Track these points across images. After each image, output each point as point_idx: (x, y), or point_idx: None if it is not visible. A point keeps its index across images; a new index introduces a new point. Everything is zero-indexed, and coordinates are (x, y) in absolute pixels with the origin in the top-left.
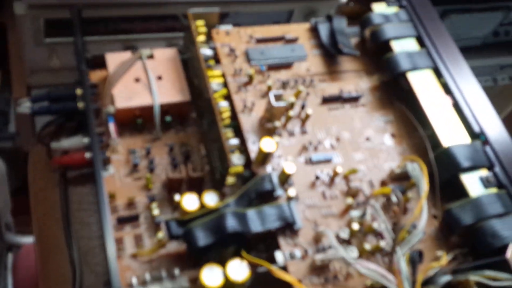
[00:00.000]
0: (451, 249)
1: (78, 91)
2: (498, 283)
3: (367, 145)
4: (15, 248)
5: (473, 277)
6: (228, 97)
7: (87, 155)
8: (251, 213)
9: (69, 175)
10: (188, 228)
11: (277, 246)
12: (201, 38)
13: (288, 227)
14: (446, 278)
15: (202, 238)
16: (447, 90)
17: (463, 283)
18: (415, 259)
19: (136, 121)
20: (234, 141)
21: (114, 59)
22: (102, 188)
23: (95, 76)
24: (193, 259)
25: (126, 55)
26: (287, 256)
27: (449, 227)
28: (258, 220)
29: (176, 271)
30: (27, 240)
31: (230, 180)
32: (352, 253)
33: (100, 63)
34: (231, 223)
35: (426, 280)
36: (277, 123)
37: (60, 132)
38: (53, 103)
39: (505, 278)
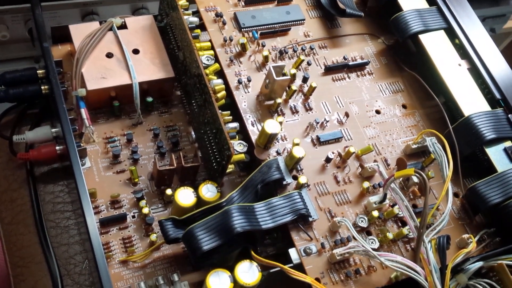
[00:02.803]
0: (476, 229)
1: (40, 71)
2: None
3: (378, 119)
4: None
5: (506, 261)
6: (219, 72)
7: (58, 147)
8: (259, 207)
9: (37, 172)
10: (188, 230)
11: (287, 239)
12: (183, 1)
13: (301, 220)
14: (477, 265)
15: (206, 241)
16: (463, 52)
17: (496, 269)
18: (443, 246)
19: (112, 104)
20: (234, 125)
21: (79, 31)
22: (84, 186)
23: (57, 52)
24: (194, 261)
25: (93, 25)
26: (302, 253)
27: (474, 206)
28: (268, 215)
29: (175, 276)
30: None
31: (228, 168)
32: (373, 243)
33: (59, 36)
34: (239, 221)
35: (455, 267)
36: (279, 99)
37: (22, 122)
38: (10, 87)
39: None
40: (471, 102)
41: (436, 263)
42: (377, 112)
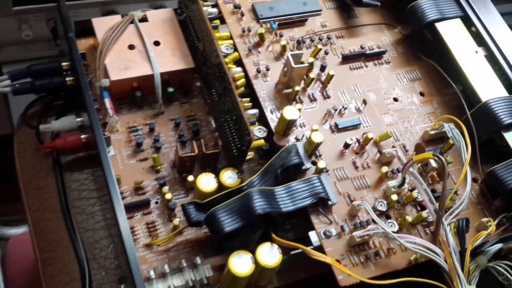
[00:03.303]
0: (495, 213)
1: (64, 64)
2: None
3: (395, 106)
4: (1, 241)
5: None
6: (238, 62)
7: (83, 136)
8: (280, 191)
9: (63, 161)
10: (210, 212)
11: (306, 223)
12: None
13: (321, 204)
14: (496, 247)
15: (228, 223)
16: (480, 40)
17: None
18: (462, 228)
19: (134, 95)
20: (253, 111)
21: (102, 24)
22: (110, 171)
23: (80, 45)
24: (216, 244)
25: (115, 19)
26: (322, 235)
27: (493, 190)
28: (288, 198)
29: (198, 259)
30: (14, 231)
31: (249, 154)
32: (392, 227)
33: (82, 30)
34: (259, 203)
35: (474, 250)
36: (297, 87)
37: (47, 114)
38: (36, 79)
39: None
40: (489, 88)
41: (456, 246)
42: (395, 99)
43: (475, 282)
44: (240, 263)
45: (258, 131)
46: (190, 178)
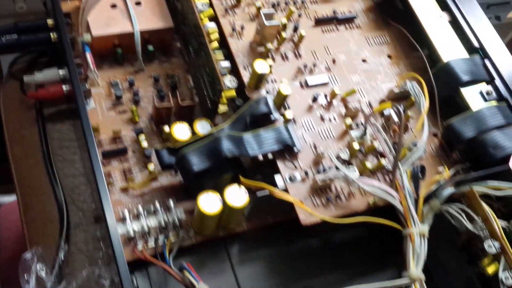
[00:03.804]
0: (453, 165)
1: (50, 21)
2: (501, 193)
3: (363, 67)
4: None
5: (477, 188)
6: (215, 20)
7: (65, 87)
8: (248, 137)
9: (46, 113)
10: (181, 154)
11: (275, 173)
12: None
13: (287, 151)
14: (449, 191)
15: (197, 163)
16: (445, 6)
17: (467, 195)
18: (417, 174)
19: (116, 52)
20: (225, 64)
21: None
22: (87, 118)
23: (66, 6)
24: (188, 190)
25: None
26: (287, 179)
27: (450, 142)
28: (255, 144)
29: (171, 203)
30: (6, 199)
31: (222, 108)
32: (353, 172)
33: None
34: (227, 146)
35: (429, 194)
36: (269, 45)
37: (33, 69)
38: (22, 35)
39: (508, 187)
40: (451, 50)
41: (411, 190)
42: (363, 61)
43: (429, 224)
44: (209, 203)
45: (229, 81)
46: (166, 129)
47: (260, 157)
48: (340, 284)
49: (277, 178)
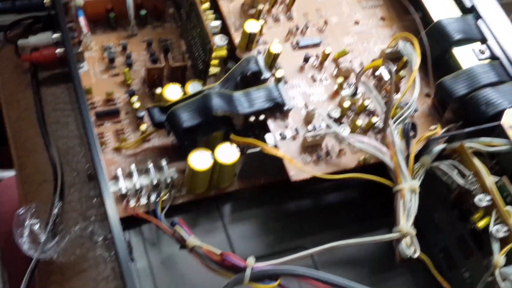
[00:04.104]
0: (445, 125)
1: None
2: (494, 149)
3: (356, 29)
4: None
5: (469, 144)
6: None
7: (58, 50)
8: (238, 95)
9: (41, 77)
10: (171, 110)
11: (266, 132)
12: None
13: (278, 110)
14: (440, 147)
15: (187, 120)
16: None
17: (458, 150)
18: (408, 131)
19: (108, 17)
20: (216, 23)
21: None
22: (79, 78)
23: None
24: (180, 149)
25: None
26: (277, 137)
27: (442, 101)
28: (246, 102)
29: (163, 162)
30: (5, 174)
31: (213, 70)
32: (344, 131)
33: None
34: (217, 103)
35: (420, 151)
36: (261, 6)
37: (28, 34)
38: (16, 0)
39: (500, 143)
40: (444, 12)
41: (402, 148)
42: (356, 23)
43: (419, 180)
44: (200, 160)
45: (219, 39)
46: (158, 90)
47: (252, 118)
48: (331, 242)
49: (268, 136)
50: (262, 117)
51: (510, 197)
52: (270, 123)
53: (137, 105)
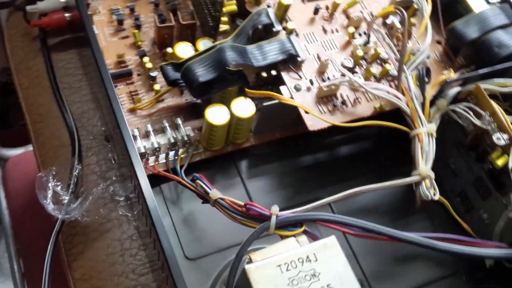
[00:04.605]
0: (458, 70)
1: None
2: (508, 89)
3: None
4: (1, 161)
5: (483, 86)
6: None
7: (67, 14)
8: (251, 48)
9: (50, 43)
10: (186, 66)
11: (278, 87)
12: None
13: (291, 61)
14: (455, 90)
15: (202, 74)
16: None
17: (473, 92)
18: (422, 76)
19: None
20: None
21: None
22: (95, 38)
23: None
24: (193, 107)
25: None
26: (292, 89)
27: (454, 47)
28: (259, 55)
29: (179, 121)
30: (13, 152)
31: (223, 27)
32: (359, 78)
33: None
34: (232, 56)
35: (435, 95)
36: None
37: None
38: None
39: None
40: None
41: (417, 93)
42: None
43: (436, 124)
44: (217, 115)
45: None
46: (169, 50)
47: (264, 74)
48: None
49: (283, 89)
50: (274, 72)
51: None
52: (284, 76)
53: (149, 65)
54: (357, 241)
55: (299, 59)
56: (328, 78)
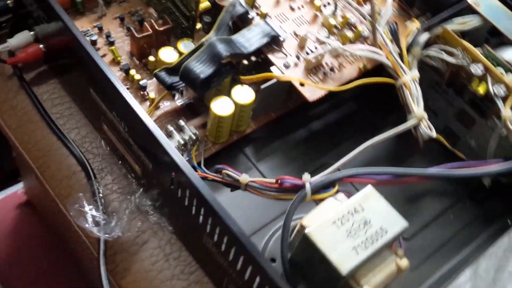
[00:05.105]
0: (417, 19)
1: None
2: (468, 26)
3: None
4: None
5: (447, 27)
6: None
7: (41, 45)
8: (236, 38)
9: (27, 78)
10: (184, 66)
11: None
12: None
13: (273, 43)
14: (425, 36)
15: (202, 71)
16: None
17: (441, 35)
18: (394, 29)
19: (75, 2)
20: None
21: None
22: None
23: None
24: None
25: None
26: (282, 67)
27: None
28: (245, 43)
29: (182, 122)
30: None
31: (198, 25)
32: (340, 44)
33: None
34: (223, 47)
35: (409, 45)
36: None
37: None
38: None
39: (471, 19)
40: None
41: (392, 47)
42: None
43: (415, 69)
44: (221, 106)
45: None
46: (151, 58)
47: (245, 61)
48: (351, 151)
49: (273, 69)
50: (253, 58)
51: (494, 61)
52: (271, 57)
53: (137, 76)
54: None
55: (280, 38)
56: (312, 51)
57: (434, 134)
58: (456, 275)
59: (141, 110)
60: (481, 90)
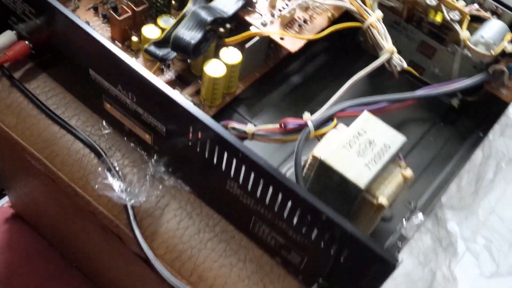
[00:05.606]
0: None
1: None
2: None
3: None
4: None
5: None
6: None
7: (27, 42)
8: (215, 4)
9: (16, 76)
10: (174, 35)
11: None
12: None
13: (247, 5)
14: None
15: (192, 37)
16: None
17: None
18: None
19: None
20: None
21: None
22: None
23: None
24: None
25: None
26: (261, 26)
27: None
28: (224, 8)
29: (177, 92)
30: None
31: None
32: None
33: None
34: (206, 14)
35: None
36: None
37: None
38: None
39: None
40: None
41: None
42: None
43: (378, 10)
44: (214, 69)
45: None
46: (134, 39)
47: (222, 29)
48: (333, 95)
49: (253, 28)
50: (228, 25)
51: None
52: (248, 19)
53: None
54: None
55: (254, 0)
56: (283, 8)
57: (405, 64)
58: (447, 186)
59: (150, 74)
60: (438, 18)
